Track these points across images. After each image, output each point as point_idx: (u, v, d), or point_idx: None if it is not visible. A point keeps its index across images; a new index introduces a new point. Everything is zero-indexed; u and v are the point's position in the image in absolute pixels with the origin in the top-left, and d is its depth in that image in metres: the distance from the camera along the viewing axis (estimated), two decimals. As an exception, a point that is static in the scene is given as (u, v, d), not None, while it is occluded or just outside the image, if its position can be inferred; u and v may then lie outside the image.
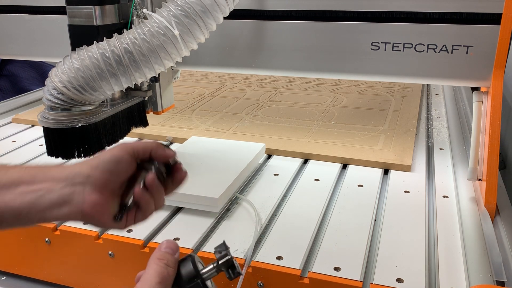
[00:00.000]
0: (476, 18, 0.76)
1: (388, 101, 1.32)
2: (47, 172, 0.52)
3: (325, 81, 1.55)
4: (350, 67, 0.85)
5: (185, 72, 1.66)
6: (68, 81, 0.68)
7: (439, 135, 1.10)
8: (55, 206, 0.51)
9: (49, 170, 0.53)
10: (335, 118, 1.18)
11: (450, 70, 0.80)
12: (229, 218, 0.76)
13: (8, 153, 1.04)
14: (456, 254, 0.66)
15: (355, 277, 0.61)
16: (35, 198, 0.51)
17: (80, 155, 0.75)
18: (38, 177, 0.52)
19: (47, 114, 0.72)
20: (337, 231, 0.72)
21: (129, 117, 0.84)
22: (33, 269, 0.76)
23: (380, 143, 1.02)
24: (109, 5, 0.75)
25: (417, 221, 0.74)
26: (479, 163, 0.81)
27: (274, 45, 0.88)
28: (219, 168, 0.85)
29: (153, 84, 0.87)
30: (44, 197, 0.51)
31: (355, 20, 0.82)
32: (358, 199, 0.81)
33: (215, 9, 0.72)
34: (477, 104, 0.82)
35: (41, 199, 0.51)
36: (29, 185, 0.51)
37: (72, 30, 0.76)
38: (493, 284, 0.59)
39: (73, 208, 0.52)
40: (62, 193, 0.51)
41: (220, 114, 1.23)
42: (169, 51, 0.70)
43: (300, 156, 0.98)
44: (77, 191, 0.52)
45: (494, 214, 0.76)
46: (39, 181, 0.51)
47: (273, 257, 0.65)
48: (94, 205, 0.52)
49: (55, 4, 0.99)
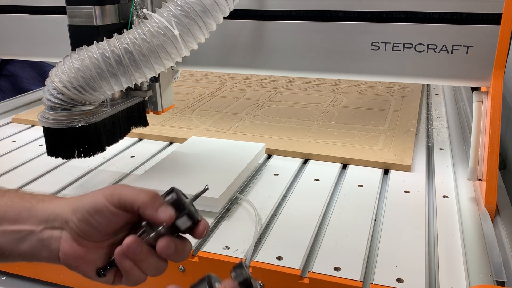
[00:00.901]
0: (476, 18, 0.76)
1: (388, 101, 1.32)
2: (31, 210, 0.49)
3: (325, 81, 1.56)
4: (350, 67, 0.85)
5: (185, 72, 1.66)
6: (68, 81, 0.68)
7: (439, 135, 1.10)
8: (35, 250, 0.48)
9: (34, 207, 0.49)
10: (335, 118, 1.18)
11: (450, 70, 0.80)
12: (229, 218, 0.76)
13: (8, 153, 1.04)
14: (456, 254, 0.66)
15: (355, 277, 0.61)
16: (16, 240, 0.48)
17: (80, 155, 0.75)
18: (22, 216, 0.49)
19: (47, 114, 0.72)
20: (337, 231, 0.72)
21: (129, 117, 0.84)
22: (33, 269, 0.76)
23: (380, 143, 1.02)
24: (109, 5, 0.75)
25: (417, 221, 0.74)
26: (479, 163, 0.81)
27: (274, 45, 0.88)
28: (219, 168, 0.85)
29: (153, 84, 0.87)
30: (25, 240, 0.48)
31: (355, 20, 0.82)
32: (358, 199, 0.81)
33: (215, 9, 0.72)
34: (477, 104, 0.82)
35: (22, 241, 0.48)
36: (12, 224, 0.48)
37: (72, 30, 0.76)
38: (493, 284, 0.59)
39: (52, 254, 0.48)
40: (41, 237, 0.48)
41: (220, 114, 1.23)
42: (169, 51, 0.70)
43: (300, 156, 0.98)
44: (55, 236, 0.48)
45: (494, 214, 0.76)
46: (22, 220, 0.49)
47: (273, 257, 0.65)
48: (69, 255, 0.48)
49: (55, 4, 0.99)
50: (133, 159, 0.99)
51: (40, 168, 0.95)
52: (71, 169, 0.94)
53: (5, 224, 0.48)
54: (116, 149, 1.02)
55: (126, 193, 0.47)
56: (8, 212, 0.49)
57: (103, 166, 0.96)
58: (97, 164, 0.97)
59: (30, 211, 0.49)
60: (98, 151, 0.77)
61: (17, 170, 0.95)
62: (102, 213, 0.47)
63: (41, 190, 0.63)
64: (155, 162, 0.91)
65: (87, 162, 0.93)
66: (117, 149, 1.03)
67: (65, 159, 0.76)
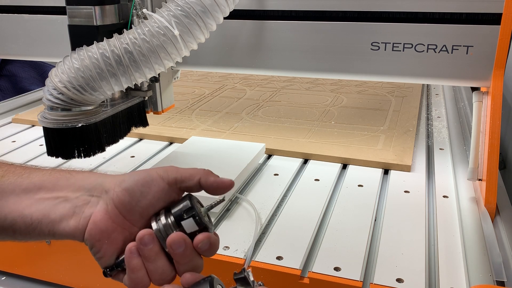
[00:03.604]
0: (476, 18, 0.76)
1: (388, 101, 1.32)
2: (70, 178, 0.48)
3: (325, 81, 1.56)
4: (350, 67, 0.85)
5: (185, 72, 1.66)
6: (68, 81, 0.68)
7: (439, 135, 1.10)
8: (65, 218, 0.46)
9: (73, 176, 0.49)
10: (335, 118, 1.18)
11: (450, 70, 0.80)
12: (229, 218, 0.76)
13: (8, 153, 1.04)
14: (456, 254, 0.66)
15: (355, 277, 0.61)
16: (50, 207, 0.47)
17: (80, 155, 0.75)
18: (60, 184, 0.48)
19: (47, 114, 0.72)
20: (337, 231, 0.72)
21: (129, 117, 0.84)
22: (33, 269, 0.76)
23: (380, 143, 1.02)
24: (109, 5, 0.75)
25: (417, 221, 0.74)
26: (479, 163, 0.81)
27: (274, 45, 0.88)
28: (219, 168, 0.85)
29: (153, 84, 0.87)
30: (58, 206, 0.47)
31: (355, 20, 0.82)
32: (358, 199, 0.81)
33: (215, 9, 0.72)
34: (477, 104, 0.82)
35: (55, 208, 0.47)
36: (48, 192, 0.47)
37: (72, 30, 0.76)
38: (493, 284, 0.59)
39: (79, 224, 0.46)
40: (75, 203, 0.47)
41: (220, 114, 1.23)
42: (169, 51, 0.70)
43: (300, 156, 0.98)
44: (91, 203, 0.47)
45: (494, 214, 0.76)
46: (60, 188, 0.47)
47: (273, 257, 0.65)
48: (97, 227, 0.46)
49: (55, 4, 0.99)
50: (133, 159, 0.99)
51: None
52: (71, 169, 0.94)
53: (42, 192, 0.47)
54: (116, 149, 1.02)
55: (183, 170, 0.48)
56: (45, 181, 0.48)
57: (103, 166, 0.96)
58: (97, 164, 0.97)
59: (68, 180, 0.48)
60: (98, 151, 0.77)
61: (17, 170, 0.95)
62: (152, 184, 0.46)
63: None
64: (155, 162, 0.91)
65: (87, 162, 0.93)
66: (117, 149, 1.03)
67: (65, 159, 0.76)
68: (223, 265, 0.65)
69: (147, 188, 0.46)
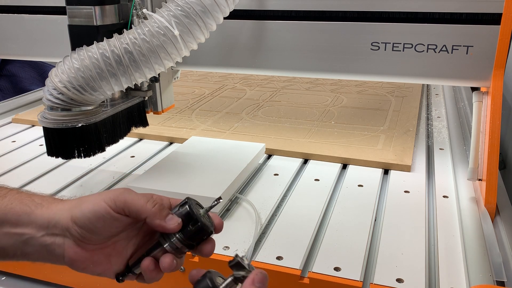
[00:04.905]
0: (476, 18, 0.76)
1: (388, 101, 1.32)
2: (31, 214, 0.49)
3: (325, 81, 1.56)
4: (350, 67, 0.85)
5: (185, 72, 1.66)
6: (68, 81, 0.68)
7: (439, 135, 1.10)
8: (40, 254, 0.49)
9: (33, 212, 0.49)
10: (335, 118, 1.18)
11: (450, 70, 0.80)
12: (229, 218, 0.76)
13: (8, 153, 1.04)
14: (456, 254, 0.66)
15: (355, 277, 0.61)
16: (20, 243, 0.48)
17: (80, 155, 0.75)
18: (22, 220, 0.48)
19: (47, 114, 0.72)
20: (337, 231, 0.72)
21: (129, 117, 0.84)
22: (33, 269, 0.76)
23: (380, 143, 1.02)
24: (109, 5, 0.75)
25: (417, 221, 0.74)
26: (479, 163, 0.81)
27: (274, 45, 0.88)
28: (219, 168, 0.85)
29: (153, 84, 0.87)
30: (28, 243, 0.48)
31: (355, 20, 0.82)
32: (358, 199, 0.81)
33: (215, 9, 0.72)
34: (477, 104, 0.82)
35: (25, 244, 0.48)
36: (13, 227, 0.48)
37: (72, 30, 0.76)
38: (493, 284, 0.59)
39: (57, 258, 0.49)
40: (44, 243, 0.48)
41: (220, 114, 1.23)
42: (169, 51, 0.70)
43: (300, 156, 0.98)
44: (57, 243, 0.48)
45: (494, 214, 0.76)
46: (23, 224, 0.48)
47: (273, 257, 0.65)
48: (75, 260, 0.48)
49: (55, 4, 0.99)
50: (133, 159, 0.99)
51: (40, 168, 0.95)
52: (71, 169, 0.94)
53: (7, 227, 0.48)
54: (116, 149, 1.02)
55: (132, 201, 0.47)
56: (8, 215, 0.48)
57: (103, 166, 0.96)
58: (97, 164, 0.97)
59: (29, 216, 0.48)
60: (98, 151, 0.77)
61: (17, 170, 0.95)
62: (104, 219, 0.47)
63: (41, 190, 0.63)
64: (155, 162, 0.91)
65: (87, 162, 0.93)
66: (117, 149, 1.03)
67: (65, 159, 0.76)
68: (223, 265, 0.65)
69: (101, 222, 0.47)
